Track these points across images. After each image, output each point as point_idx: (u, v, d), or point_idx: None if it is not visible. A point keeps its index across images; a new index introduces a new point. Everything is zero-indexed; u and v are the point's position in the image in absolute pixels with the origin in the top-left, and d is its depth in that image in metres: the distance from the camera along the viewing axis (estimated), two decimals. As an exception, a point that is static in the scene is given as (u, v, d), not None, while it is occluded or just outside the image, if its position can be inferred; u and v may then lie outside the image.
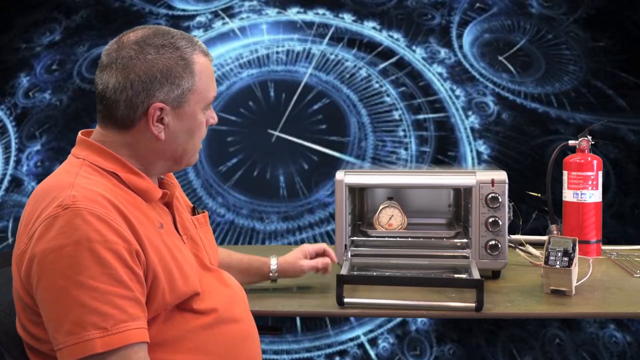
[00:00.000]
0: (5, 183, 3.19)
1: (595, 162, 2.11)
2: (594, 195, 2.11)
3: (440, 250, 1.99)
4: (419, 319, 3.07)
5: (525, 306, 1.69)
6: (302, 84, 3.16)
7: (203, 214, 1.55)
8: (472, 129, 3.11)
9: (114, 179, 1.31)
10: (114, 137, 1.33)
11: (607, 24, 3.08)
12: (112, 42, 1.34)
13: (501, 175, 1.90)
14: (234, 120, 3.15)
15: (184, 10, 3.22)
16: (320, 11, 3.19)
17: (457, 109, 3.12)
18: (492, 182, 1.89)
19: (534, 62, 3.11)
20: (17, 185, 3.18)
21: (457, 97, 3.12)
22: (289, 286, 1.90)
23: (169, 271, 1.29)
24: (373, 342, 3.10)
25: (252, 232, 3.11)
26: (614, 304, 1.72)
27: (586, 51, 3.09)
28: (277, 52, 3.18)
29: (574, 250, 1.74)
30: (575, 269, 1.75)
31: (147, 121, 1.31)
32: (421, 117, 3.14)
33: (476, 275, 1.75)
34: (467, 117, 3.11)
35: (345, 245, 1.94)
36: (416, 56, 3.15)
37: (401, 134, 3.14)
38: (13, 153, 3.19)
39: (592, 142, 2.12)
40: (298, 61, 3.17)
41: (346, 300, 1.68)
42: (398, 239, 2.04)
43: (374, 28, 3.17)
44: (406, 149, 3.14)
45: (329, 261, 1.88)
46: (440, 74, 3.14)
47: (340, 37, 3.18)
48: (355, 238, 2.02)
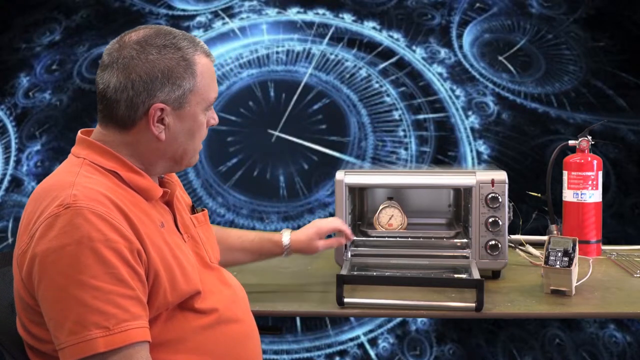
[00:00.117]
0: (5, 183, 3.19)
1: (595, 162, 2.10)
2: (594, 195, 2.11)
3: (440, 250, 1.99)
4: (419, 319, 3.07)
5: (525, 306, 1.69)
6: (302, 84, 3.16)
7: (203, 212, 1.54)
8: (472, 129, 3.11)
9: (115, 178, 1.31)
10: (114, 136, 1.33)
11: (607, 24, 3.08)
12: (113, 42, 1.33)
13: (501, 175, 1.90)
14: (234, 120, 3.15)
15: (184, 10, 3.23)
16: (320, 11, 3.19)
17: (457, 109, 3.12)
18: (492, 182, 1.89)
19: (534, 62, 3.11)
20: (17, 185, 3.18)
21: (457, 97, 3.12)
22: (293, 283, 1.90)
23: (170, 270, 1.29)
24: (373, 342, 3.10)
25: (252, 232, 3.11)
26: (614, 304, 1.72)
27: (586, 51, 3.09)
28: (277, 52, 3.18)
29: (574, 250, 1.74)
30: (575, 269, 1.75)
31: (148, 121, 1.31)
32: (421, 117, 3.14)
33: (476, 275, 1.75)
34: (467, 117, 3.11)
35: (345, 245, 1.94)
36: (416, 56, 3.15)
37: (401, 134, 3.14)
38: (13, 153, 3.19)
39: (592, 142, 2.12)
40: (298, 61, 3.17)
41: (346, 300, 1.68)
42: (398, 239, 2.04)
43: (374, 28, 3.17)
44: (406, 149, 3.14)
45: (344, 241, 1.90)
46: (440, 74, 3.14)
47: (340, 37, 3.18)
48: (355, 238, 2.02)
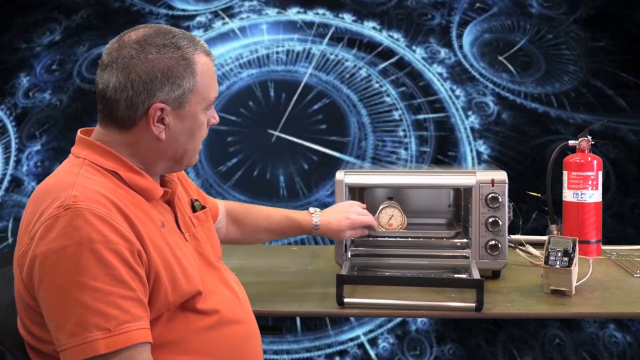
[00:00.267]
0: (5, 183, 3.19)
1: (595, 162, 2.10)
2: (594, 195, 2.11)
3: (440, 250, 1.99)
4: (419, 319, 3.07)
5: (525, 306, 1.69)
6: (302, 84, 3.16)
7: (203, 210, 1.53)
8: (472, 129, 3.11)
9: (115, 178, 1.30)
10: (114, 136, 1.33)
11: (607, 24, 3.08)
12: (113, 41, 1.33)
13: (501, 175, 1.90)
14: (234, 120, 3.15)
15: (184, 10, 3.23)
16: (320, 11, 3.19)
17: (457, 109, 3.12)
18: (492, 182, 1.89)
19: (534, 62, 3.12)
20: (17, 185, 3.18)
21: (457, 97, 3.12)
22: (291, 286, 1.90)
23: (171, 270, 1.28)
24: (373, 342, 3.10)
25: (252, 232, 3.11)
26: (614, 304, 1.72)
27: (586, 51, 3.09)
28: (277, 52, 3.18)
29: (574, 250, 1.74)
30: (575, 269, 1.75)
31: (148, 121, 1.30)
32: (421, 117, 3.14)
33: (476, 275, 1.75)
34: (467, 117, 3.11)
35: (345, 245, 1.94)
36: (416, 56, 3.15)
37: (401, 134, 3.14)
38: (13, 153, 3.19)
39: (592, 142, 2.12)
40: (298, 61, 3.17)
41: (346, 300, 1.68)
42: (398, 239, 2.04)
43: (374, 28, 3.17)
44: (406, 149, 3.14)
45: (367, 232, 1.93)
46: (440, 74, 3.14)
47: (340, 37, 3.18)
48: (355, 238, 2.01)
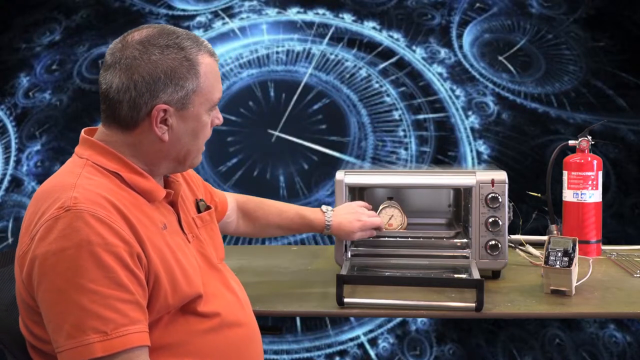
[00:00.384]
0: (5, 183, 3.19)
1: (595, 162, 2.10)
2: (594, 195, 2.11)
3: (440, 250, 1.99)
4: (419, 319, 3.07)
5: (525, 306, 1.69)
6: (302, 84, 3.16)
7: (208, 211, 1.53)
8: (472, 129, 3.11)
9: (117, 180, 1.30)
10: (117, 137, 1.32)
11: (607, 24, 3.08)
12: (116, 41, 1.32)
13: (501, 175, 1.90)
14: (234, 120, 3.15)
15: (184, 10, 3.23)
16: (320, 11, 3.19)
17: (457, 109, 3.12)
18: (492, 182, 1.89)
19: (534, 62, 3.12)
20: (17, 185, 3.18)
21: (457, 97, 3.12)
22: (291, 285, 1.90)
23: (171, 273, 1.28)
24: (373, 342, 3.10)
25: (252, 232, 3.11)
26: (614, 304, 1.72)
27: (586, 51, 3.09)
28: (277, 52, 3.18)
29: (574, 250, 1.74)
30: (575, 269, 1.75)
31: (151, 122, 1.30)
32: (421, 117, 3.14)
33: (476, 275, 1.75)
34: (467, 117, 3.12)
35: (345, 245, 1.94)
36: (416, 56, 3.15)
37: (401, 134, 3.14)
38: (13, 153, 3.19)
39: (592, 142, 2.12)
40: (298, 61, 3.17)
41: (346, 300, 1.67)
42: (398, 239, 2.04)
43: (374, 28, 3.17)
44: (406, 149, 3.14)
45: (375, 233, 1.95)
46: (440, 74, 3.14)
47: (340, 37, 3.18)
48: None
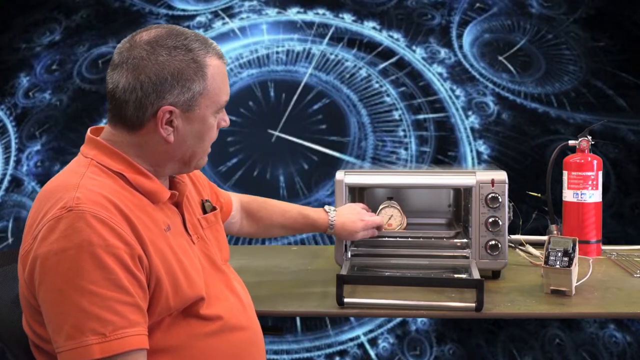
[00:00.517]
0: (5, 183, 3.19)
1: (595, 162, 2.10)
2: (594, 195, 2.11)
3: (440, 250, 1.99)
4: (419, 319, 3.07)
5: (525, 306, 1.69)
6: (302, 84, 3.16)
7: (214, 212, 1.53)
8: (472, 129, 3.11)
9: (121, 180, 1.30)
10: (122, 137, 1.32)
11: (607, 24, 3.08)
12: (124, 41, 1.32)
13: (501, 175, 1.90)
14: (234, 120, 3.14)
15: (184, 10, 3.23)
16: (320, 11, 3.19)
17: (457, 109, 3.12)
18: (492, 182, 1.89)
19: (534, 62, 3.12)
20: (17, 185, 3.18)
21: (457, 97, 3.12)
22: (291, 286, 1.90)
23: (173, 275, 1.27)
24: (373, 342, 3.10)
25: (252, 232, 3.11)
26: (614, 304, 1.72)
27: (586, 51, 3.09)
28: (277, 52, 3.18)
29: (574, 250, 1.74)
30: (575, 269, 1.75)
31: (156, 123, 1.29)
32: (421, 117, 3.14)
33: (476, 275, 1.75)
34: (467, 117, 3.12)
35: (345, 245, 1.94)
36: (416, 56, 3.15)
37: (401, 134, 3.14)
38: (13, 153, 3.19)
39: (592, 142, 2.12)
40: (298, 61, 3.17)
41: (346, 300, 1.67)
42: (398, 239, 2.04)
43: (374, 28, 3.17)
44: (406, 149, 3.14)
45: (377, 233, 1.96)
46: (440, 74, 3.14)
47: (340, 37, 3.18)
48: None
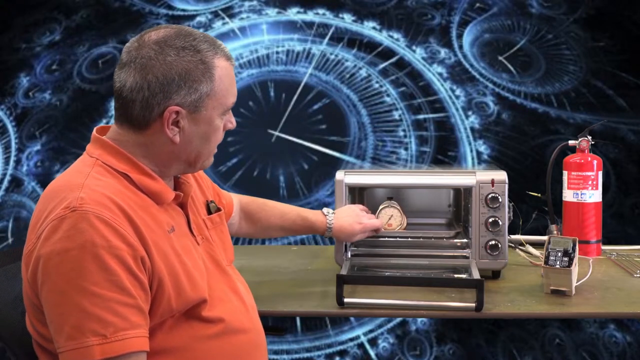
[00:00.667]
0: (5, 183, 3.19)
1: (595, 162, 2.10)
2: (594, 195, 2.11)
3: (440, 250, 1.99)
4: (419, 319, 3.07)
5: (525, 306, 1.69)
6: (302, 84, 3.16)
7: (218, 213, 1.53)
8: (472, 129, 3.11)
9: (126, 181, 1.29)
10: (128, 136, 1.32)
11: (607, 24, 3.08)
12: (133, 40, 1.32)
13: (501, 175, 1.90)
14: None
15: (184, 10, 3.23)
16: (320, 11, 3.19)
17: (457, 109, 3.12)
18: (492, 182, 1.89)
19: (534, 62, 3.11)
20: (17, 185, 3.18)
21: (457, 97, 3.12)
22: (292, 285, 1.90)
23: (175, 277, 1.27)
24: (373, 342, 3.10)
25: (252, 232, 3.10)
26: (614, 304, 1.72)
27: (586, 51, 3.09)
28: (277, 52, 3.18)
29: (574, 250, 1.74)
30: (575, 269, 1.75)
31: (162, 123, 1.29)
32: (421, 117, 3.14)
33: (476, 275, 1.75)
34: (467, 117, 3.11)
35: (345, 245, 1.94)
36: (416, 56, 3.15)
37: (401, 134, 3.14)
38: (13, 153, 3.19)
39: (592, 142, 2.12)
40: (298, 61, 3.17)
41: (346, 300, 1.68)
42: (398, 239, 2.04)
43: (374, 28, 3.17)
44: (406, 149, 3.14)
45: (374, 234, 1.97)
46: (440, 74, 3.14)
47: (340, 37, 3.18)
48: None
